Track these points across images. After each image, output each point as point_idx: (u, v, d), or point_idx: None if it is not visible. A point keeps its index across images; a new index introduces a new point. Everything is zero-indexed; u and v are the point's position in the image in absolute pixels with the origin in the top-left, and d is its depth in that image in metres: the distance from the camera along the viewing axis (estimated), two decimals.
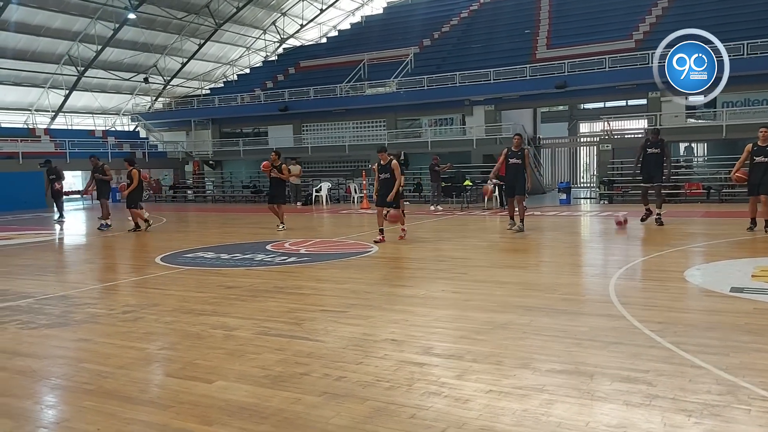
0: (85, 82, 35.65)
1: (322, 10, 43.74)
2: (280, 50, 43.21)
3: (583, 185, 31.17)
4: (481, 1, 36.61)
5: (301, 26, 43.75)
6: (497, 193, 19.51)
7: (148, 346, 5.25)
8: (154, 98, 40.29)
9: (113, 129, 38.82)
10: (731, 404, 3.60)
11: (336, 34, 42.78)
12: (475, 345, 4.92)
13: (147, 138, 36.67)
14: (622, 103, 31.05)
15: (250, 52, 43.30)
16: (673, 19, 26.87)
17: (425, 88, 27.84)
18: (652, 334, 5.02)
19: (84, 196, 27.85)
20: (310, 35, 45.01)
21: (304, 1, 42.05)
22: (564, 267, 9.05)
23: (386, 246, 11.03)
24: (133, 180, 14.83)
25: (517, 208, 12.83)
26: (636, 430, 3.30)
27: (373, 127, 30.17)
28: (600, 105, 32.63)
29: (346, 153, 28.56)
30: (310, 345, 5.05)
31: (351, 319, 5.89)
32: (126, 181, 15.34)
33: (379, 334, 5.35)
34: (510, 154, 12.53)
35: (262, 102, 32.40)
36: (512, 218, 12.98)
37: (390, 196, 11.46)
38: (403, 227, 12.02)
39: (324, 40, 42.58)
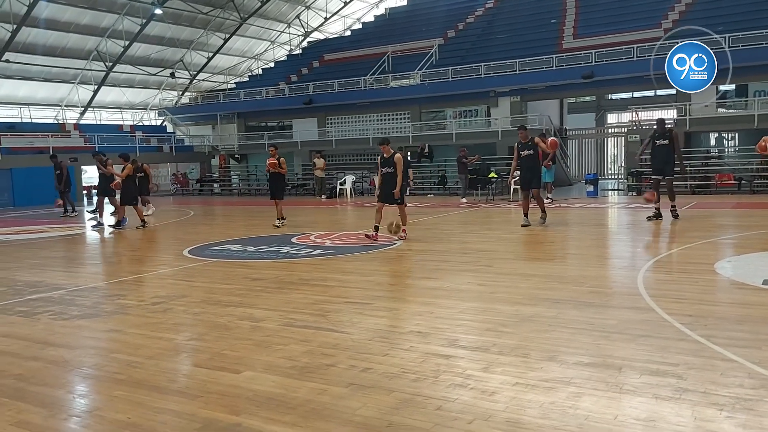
0: (114, 77, 36.18)
1: (345, 3, 43.65)
2: (305, 44, 43.26)
3: (610, 177, 30.74)
4: None
5: (325, 19, 43.69)
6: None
7: (177, 337, 5.33)
8: (181, 93, 40.70)
9: (141, 124, 39.36)
10: (764, 398, 3.53)
11: (360, 26, 42.67)
12: (501, 337, 4.89)
13: (174, 132, 37.14)
14: (650, 93, 30.47)
15: (275, 45, 43.42)
16: (702, 7, 26.29)
17: (450, 79, 27.63)
18: (681, 327, 4.94)
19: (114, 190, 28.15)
20: (334, 28, 44.95)
21: None
22: (591, 259, 8.94)
23: (411, 239, 11.00)
24: (139, 175, 14.91)
25: (535, 201, 12.46)
26: (666, 424, 3.25)
27: (397, 119, 30.11)
28: (628, 95, 32.03)
29: (371, 146, 28.53)
30: (336, 336, 5.08)
31: (376, 311, 5.90)
32: (139, 174, 15.55)
33: (405, 326, 5.36)
34: (520, 146, 12.24)
35: (287, 95, 32.54)
36: (526, 215, 12.36)
37: (395, 192, 10.83)
38: (404, 227, 11.05)
39: (348, 33, 42.54)
